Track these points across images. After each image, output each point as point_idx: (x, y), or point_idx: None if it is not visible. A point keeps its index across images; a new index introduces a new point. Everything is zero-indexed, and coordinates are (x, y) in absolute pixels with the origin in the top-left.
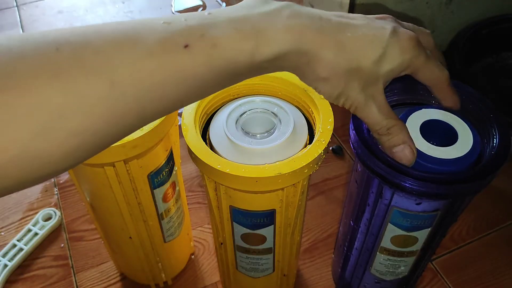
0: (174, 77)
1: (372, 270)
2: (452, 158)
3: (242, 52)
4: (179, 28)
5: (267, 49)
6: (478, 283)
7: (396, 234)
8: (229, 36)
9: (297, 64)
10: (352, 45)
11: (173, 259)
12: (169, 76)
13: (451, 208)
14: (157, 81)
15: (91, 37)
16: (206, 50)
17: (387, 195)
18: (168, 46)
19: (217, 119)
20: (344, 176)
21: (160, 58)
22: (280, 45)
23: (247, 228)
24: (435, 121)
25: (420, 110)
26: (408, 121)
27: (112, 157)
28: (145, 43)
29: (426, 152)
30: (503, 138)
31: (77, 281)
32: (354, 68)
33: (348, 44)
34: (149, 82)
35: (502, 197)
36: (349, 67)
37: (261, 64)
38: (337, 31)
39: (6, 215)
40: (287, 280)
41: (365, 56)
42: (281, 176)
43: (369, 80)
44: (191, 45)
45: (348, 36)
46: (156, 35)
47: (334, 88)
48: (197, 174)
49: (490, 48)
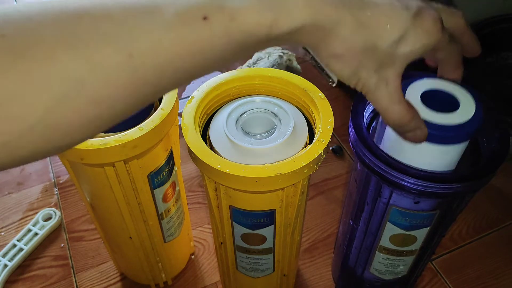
0: (192, 49)
1: (371, 269)
2: (454, 124)
3: (261, 25)
4: (198, 1)
5: (286, 23)
6: (478, 283)
7: (395, 233)
8: (248, 8)
9: (313, 39)
10: (371, 23)
11: (173, 259)
12: (187, 48)
13: (449, 207)
14: (176, 53)
15: (111, 8)
16: (224, 23)
17: (385, 193)
18: (186, 18)
19: (217, 119)
20: (344, 176)
21: (178, 30)
22: (299, 19)
23: (247, 228)
24: (436, 91)
25: (421, 80)
26: (408, 91)
27: (112, 157)
28: (164, 15)
29: (428, 119)
30: (502, 138)
31: (77, 281)
32: (370, 47)
33: (366, 23)
34: (167, 53)
35: (502, 197)
36: (365, 45)
37: (278, 36)
38: (357, 8)
39: (6, 215)
40: (287, 280)
41: (383, 36)
42: (281, 176)
43: (384, 61)
44: (209, 17)
45: (367, 14)
46: (175, 8)
47: (347, 66)
48: (197, 174)
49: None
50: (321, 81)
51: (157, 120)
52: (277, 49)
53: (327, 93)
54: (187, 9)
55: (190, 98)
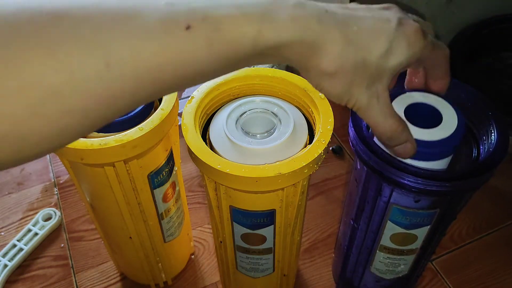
0: (173, 59)
1: (372, 268)
2: (438, 140)
3: (245, 36)
4: (182, 9)
5: (272, 36)
6: (478, 283)
7: (396, 232)
8: (232, 18)
9: (301, 57)
10: (359, 39)
11: (173, 259)
12: (168, 58)
13: (450, 205)
14: (156, 63)
15: (91, 11)
16: (207, 33)
17: (386, 192)
18: (169, 27)
19: (217, 119)
20: (344, 176)
21: (160, 39)
22: (285, 33)
23: (247, 228)
24: (420, 104)
25: (405, 94)
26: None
27: (112, 157)
28: (146, 23)
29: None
30: (501, 136)
31: (77, 281)
32: (360, 63)
33: (354, 38)
34: (147, 63)
35: (502, 197)
36: (356, 62)
37: (264, 51)
38: (344, 24)
39: (6, 215)
40: (287, 280)
41: (371, 50)
42: (281, 176)
43: (374, 76)
44: (192, 26)
45: (354, 30)
46: (158, 15)
47: (339, 84)
48: (197, 174)
49: (490, 48)
50: None
51: (157, 120)
52: None
53: None
54: (169, 18)
55: (190, 98)
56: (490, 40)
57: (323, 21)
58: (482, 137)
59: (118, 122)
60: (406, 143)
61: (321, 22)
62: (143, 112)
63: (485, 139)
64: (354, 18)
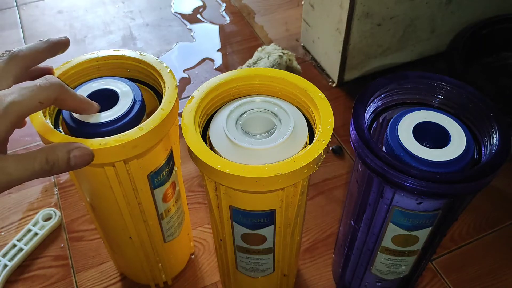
0: None
1: (373, 269)
2: (445, 161)
3: None
4: None
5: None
6: (478, 283)
7: (397, 234)
8: None
9: None
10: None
11: (173, 259)
12: None
13: (452, 207)
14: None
15: None
16: None
17: (388, 194)
18: None
19: (217, 119)
20: (344, 176)
21: None
22: None
23: (247, 228)
24: (429, 123)
25: (414, 112)
26: (402, 123)
27: (112, 157)
28: None
29: (419, 155)
30: (503, 137)
31: (77, 281)
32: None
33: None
34: None
35: (502, 197)
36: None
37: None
38: None
39: (6, 215)
40: (287, 280)
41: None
42: (281, 176)
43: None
44: None
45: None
46: None
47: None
48: (197, 174)
49: (490, 48)
50: (321, 81)
51: (157, 120)
52: (277, 49)
53: (327, 93)
54: None
55: (190, 98)
56: (490, 40)
57: None
58: (484, 139)
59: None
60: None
61: None
62: (143, 112)
63: (486, 140)
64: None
